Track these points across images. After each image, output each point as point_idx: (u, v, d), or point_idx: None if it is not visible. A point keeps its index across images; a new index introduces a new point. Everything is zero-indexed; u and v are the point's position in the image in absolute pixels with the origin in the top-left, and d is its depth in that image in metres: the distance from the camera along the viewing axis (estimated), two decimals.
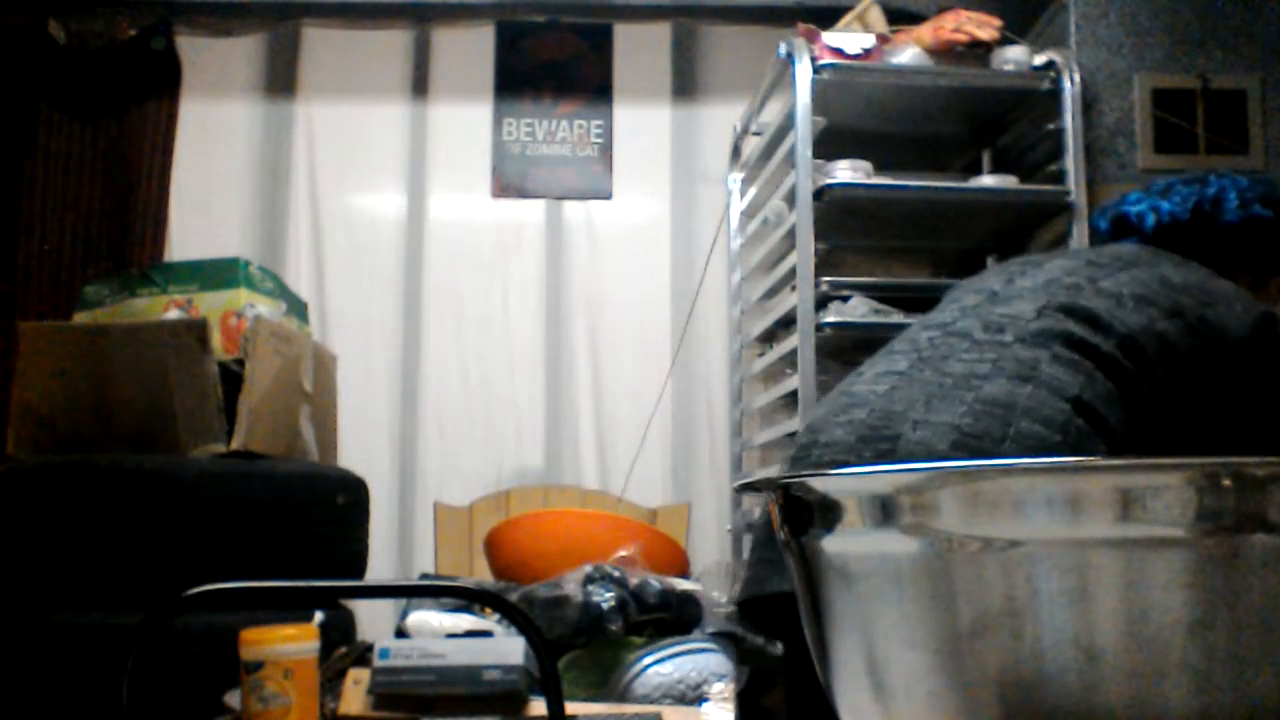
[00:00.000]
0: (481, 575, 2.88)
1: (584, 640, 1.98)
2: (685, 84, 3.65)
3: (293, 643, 1.65)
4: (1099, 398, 1.30)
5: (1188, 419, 1.35)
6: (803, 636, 0.62)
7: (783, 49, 2.84)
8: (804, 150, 2.74)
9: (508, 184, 3.62)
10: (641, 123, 3.63)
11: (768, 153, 3.09)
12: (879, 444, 1.31)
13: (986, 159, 3.27)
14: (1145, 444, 1.32)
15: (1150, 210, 1.64)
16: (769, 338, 3.20)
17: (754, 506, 3.19)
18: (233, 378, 2.38)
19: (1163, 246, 1.57)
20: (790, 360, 2.87)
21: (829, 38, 2.87)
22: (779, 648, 1.61)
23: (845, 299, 2.82)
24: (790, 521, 0.63)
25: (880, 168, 2.88)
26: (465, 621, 1.99)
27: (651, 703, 1.84)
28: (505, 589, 2.27)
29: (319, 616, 1.93)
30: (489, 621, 2.02)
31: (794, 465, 1.42)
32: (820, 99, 2.78)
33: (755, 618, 1.56)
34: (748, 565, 1.47)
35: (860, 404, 1.39)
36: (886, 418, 1.34)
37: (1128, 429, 1.31)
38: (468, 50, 3.65)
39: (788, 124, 2.85)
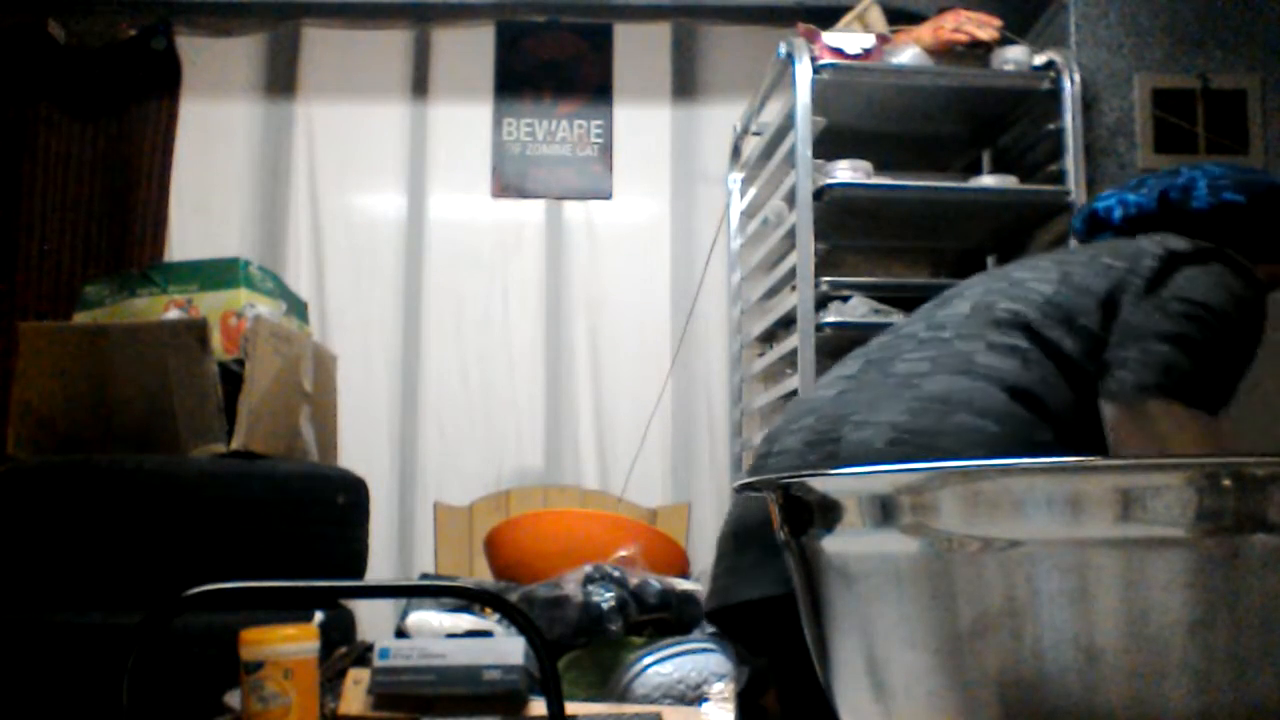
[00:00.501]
0: (481, 575, 2.88)
1: (584, 640, 1.98)
2: (685, 84, 3.65)
3: (293, 643, 1.65)
4: (1037, 381, 1.31)
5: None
6: (782, 642, 0.63)
7: (783, 49, 2.84)
8: (804, 150, 2.74)
9: (508, 184, 3.62)
10: (641, 123, 3.63)
11: (768, 153, 3.09)
12: (824, 447, 1.33)
13: (986, 159, 3.27)
14: (1095, 421, 1.33)
15: (1118, 204, 1.63)
16: (769, 338, 3.20)
17: None
18: (233, 378, 2.38)
19: (1131, 235, 1.57)
20: (790, 360, 2.87)
21: (829, 38, 2.87)
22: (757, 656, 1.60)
23: (845, 299, 2.82)
24: (790, 521, 0.63)
25: (880, 168, 2.88)
26: (465, 621, 1.99)
27: (651, 703, 1.84)
28: (505, 589, 2.27)
29: (319, 616, 1.93)
30: (489, 621, 2.02)
31: (751, 475, 1.44)
32: (820, 99, 2.78)
33: (727, 628, 1.53)
34: (713, 575, 1.46)
35: (811, 410, 1.42)
36: (832, 422, 1.36)
37: (1077, 408, 1.32)
38: (468, 50, 3.65)
39: (788, 124, 2.85)
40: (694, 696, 1.86)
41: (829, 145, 2.84)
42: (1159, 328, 1.34)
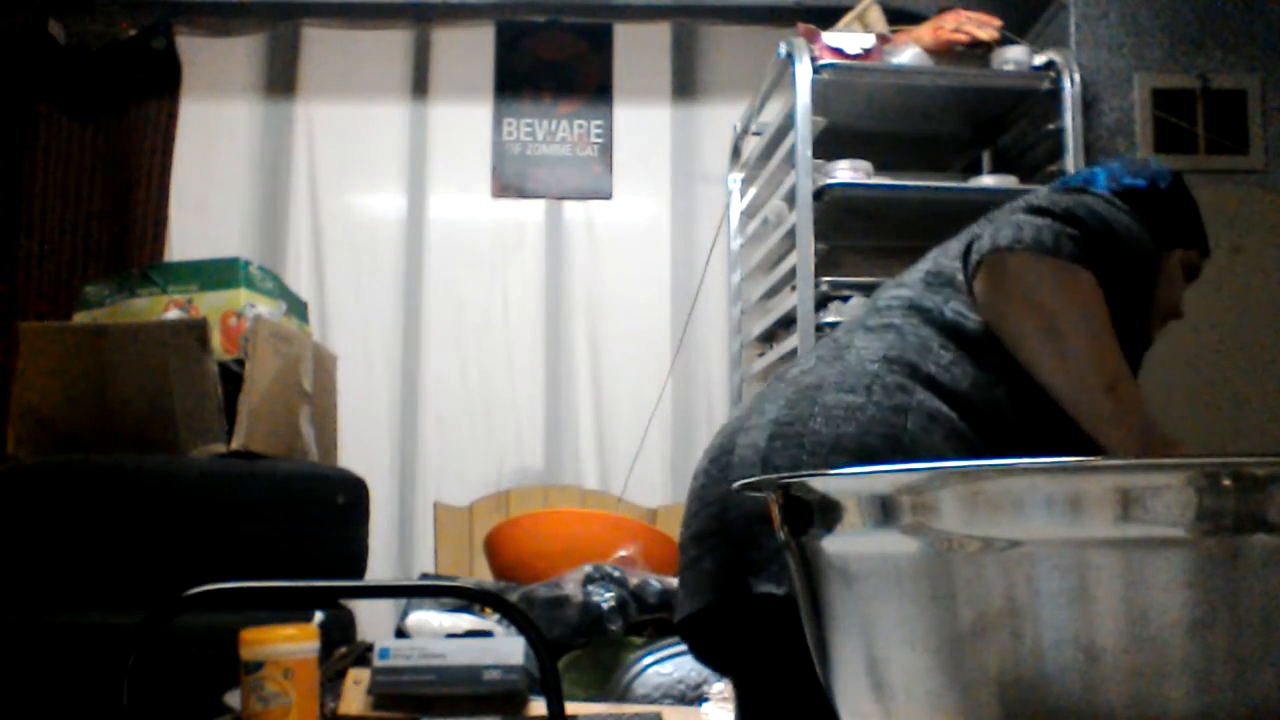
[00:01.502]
0: (481, 575, 2.88)
1: (584, 640, 1.98)
2: (685, 84, 3.65)
3: (293, 643, 1.65)
4: (913, 347, 1.31)
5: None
6: (734, 652, 0.62)
7: (783, 49, 2.84)
8: (804, 150, 2.74)
9: (508, 184, 3.62)
10: (641, 123, 3.63)
11: (768, 153, 3.09)
12: (722, 459, 1.36)
13: (986, 159, 3.27)
14: (993, 374, 1.30)
15: (1022, 199, 1.64)
16: (769, 338, 3.20)
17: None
18: (233, 378, 2.38)
19: None
20: (790, 360, 2.87)
21: (829, 38, 2.87)
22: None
23: (845, 299, 2.82)
24: (790, 521, 0.63)
25: (880, 168, 2.88)
26: (465, 621, 1.99)
27: (651, 703, 1.84)
28: (505, 589, 2.27)
29: (319, 616, 1.93)
30: (489, 621, 2.02)
31: (688, 502, 1.44)
32: (820, 99, 2.78)
33: (696, 643, 1.46)
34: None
35: (720, 431, 1.46)
36: (729, 434, 1.39)
37: (973, 363, 1.30)
38: (468, 50, 3.65)
39: (788, 124, 2.85)
40: (694, 696, 1.86)
41: (829, 145, 2.84)
42: (1022, 202, 1.34)
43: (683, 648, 1.93)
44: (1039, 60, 2.90)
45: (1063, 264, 1.25)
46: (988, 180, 2.97)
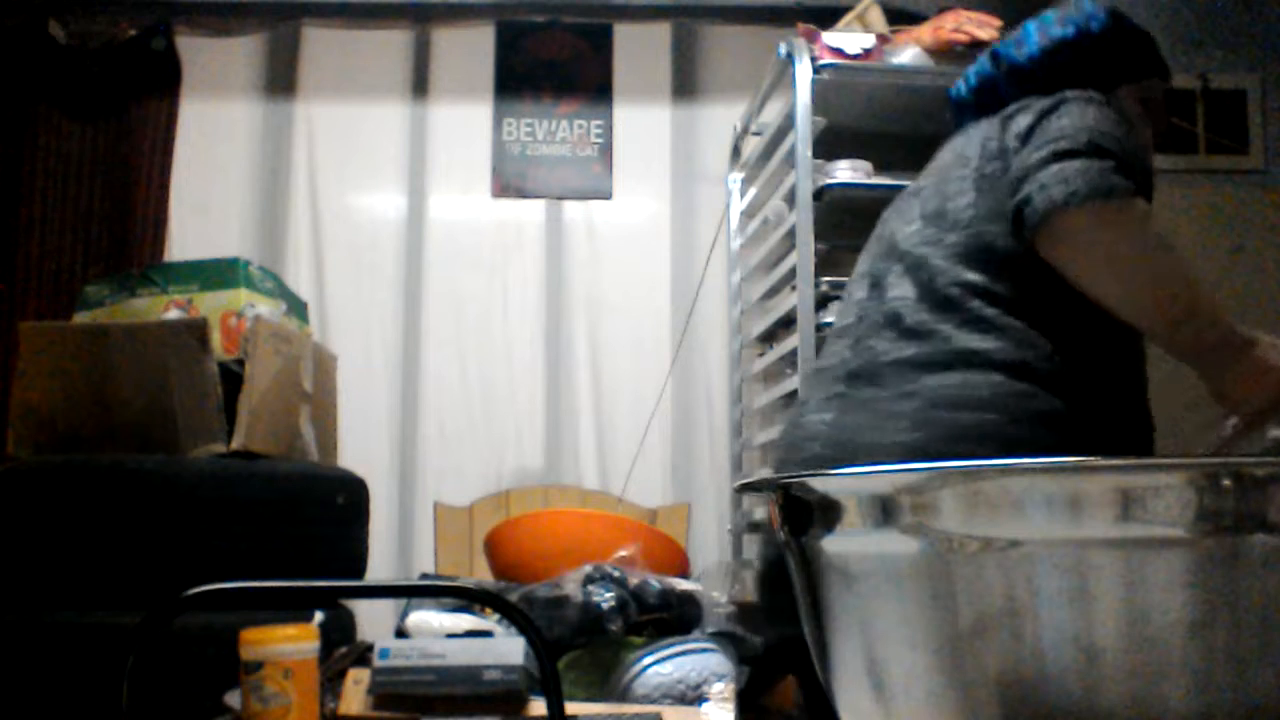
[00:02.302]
0: (481, 575, 2.88)
1: (584, 640, 1.98)
2: (685, 84, 3.65)
3: (293, 643, 1.64)
4: (1015, 346, 1.31)
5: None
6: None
7: (783, 49, 2.84)
8: (804, 150, 2.74)
9: (508, 184, 3.62)
10: (641, 123, 3.63)
11: (768, 153, 3.09)
12: None
13: None
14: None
15: (961, 80, 1.63)
16: (769, 338, 3.20)
17: (754, 506, 3.19)
18: (233, 378, 2.38)
19: (984, 108, 1.54)
20: (790, 360, 2.87)
21: (829, 38, 2.87)
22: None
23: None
24: (790, 521, 0.63)
25: (880, 168, 2.88)
26: (465, 621, 1.99)
27: (651, 703, 1.84)
28: (505, 589, 2.26)
29: (319, 616, 1.93)
30: (489, 621, 2.02)
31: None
32: (820, 99, 2.78)
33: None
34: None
35: (812, 437, 1.41)
36: (839, 448, 1.37)
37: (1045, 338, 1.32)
38: (468, 50, 3.65)
39: (788, 124, 2.85)
40: (694, 696, 1.85)
41: (829, 145, 2.84)
42: (1048, 151, 1.31)
43: (683, 648, 1.92)
44: None
45: (1121, 204, 1.26)
46: None
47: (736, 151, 3.50)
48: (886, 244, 1.52)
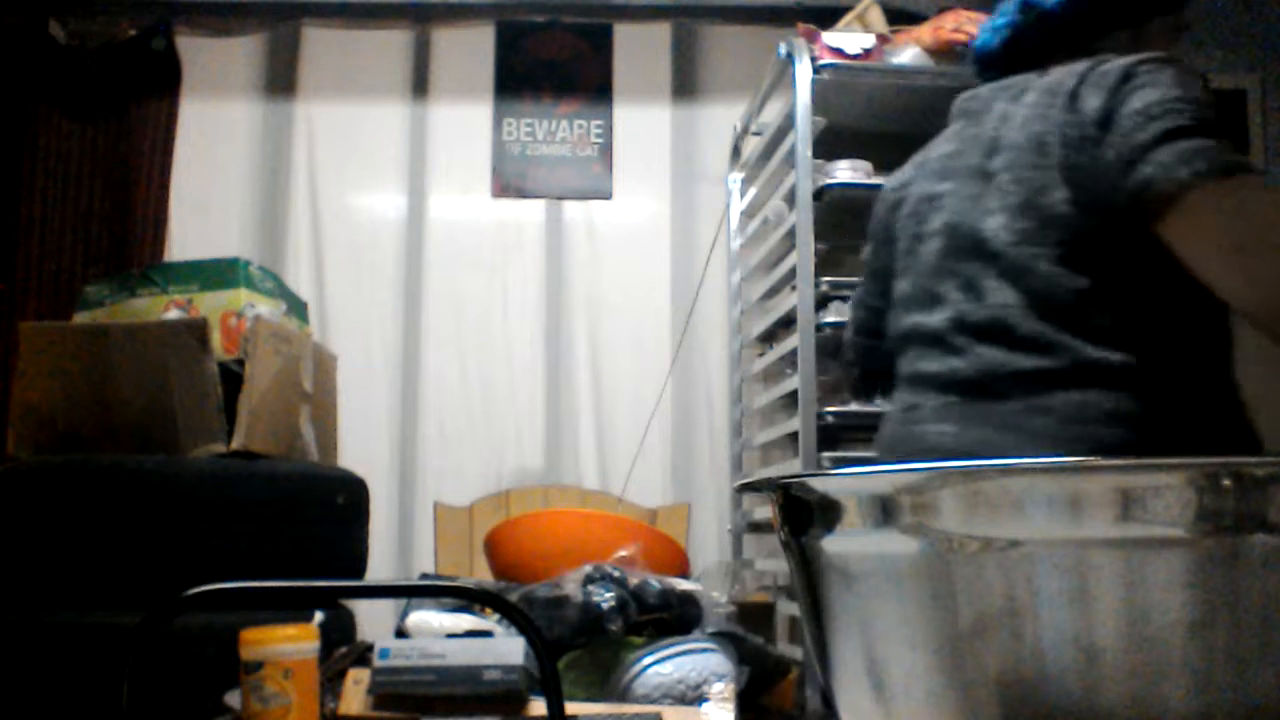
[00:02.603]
0: (481, 575, 2.88)
1: (584, 640, 1.98)
2: (685, 84, 3.65)
3: (293, 643, 1.64)
4: (1121, 350, 1.27)
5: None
6: None
7: (783, 49, 2.84)
8: (804, 150, 2.74)
9: (508, 184, 3.62)
10: (641, 123, 3.63)
11: (768, 153, 3.09)
12: None
13: None
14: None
15: (990, 32, 1.51)
16: (769, 338, 3.20)
17: (754, 506, 3.19)
18: (233, 378, 2.38)
19: (1015, 60, 1.47)
20: (790, 360, 2.87)
21: (829, 38, 2.87)
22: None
23: (845, 299, 2.82)
24: (790, 521, 0.63)
25: (880, 168, 2.88)
26: (465, 621, 1.99)
27: (651, 703, 1.84)
28: (505, 589, 2.26)
29: (319, 616, 1.93)
30: (489, 621, 2.02)
31: None
32: (820, 99, 2.78)
33: None
34: None
35: (933, 449, 1.36)
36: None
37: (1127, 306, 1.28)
38: (468, 50, 3.65)
39: (788, 124, 2.85)
40: (694, 696, 1.85)
41: (829, 145, 2.84)
42: (1156, 130, 1.24)
43: (683, 648, 1.92)
44: None
45: (1240, 180, 1.21)
46: None
47: (736, 151, 3.50)
48: (966, 238, 1.40)
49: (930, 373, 1.41)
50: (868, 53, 2.85)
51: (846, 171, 2.82)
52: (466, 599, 1.84)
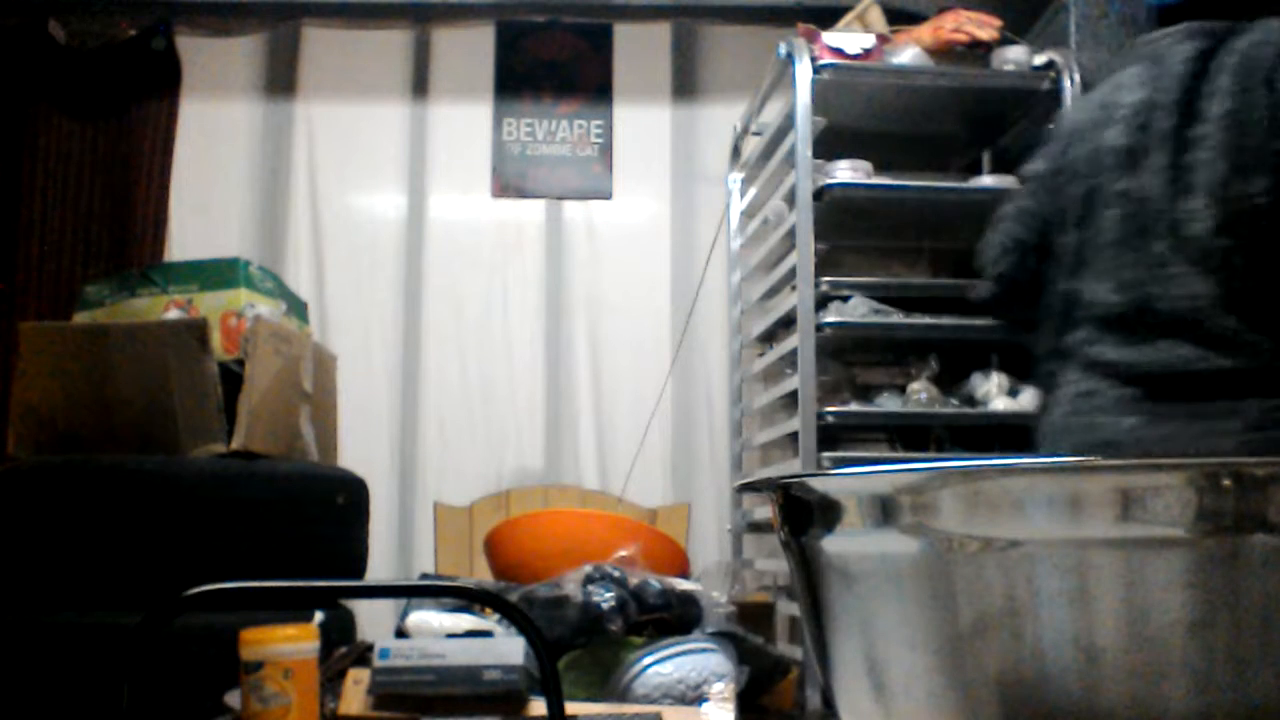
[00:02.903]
0: (481, 575, 2.88)
1: (584, 640, 1.98)
2: (685, 84, 3.65)
3: (293, 643, 1.64)
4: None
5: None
6: None
7: (783, 49, 2.84)
8: (804, 150, 2.74)
9: (508, 184, 3.62)
10: (641, 123, 3.63)
11: (768, 153, 3.09)
12: None
13: (986, 159, 3.26)
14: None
15: None
16: (769, 338, 3.20)
17: (754, 506, 3.19)
18: (233, 378, 2.38)
19: (1202, 7, 1.39)
20: (790, 360, 2.87)
21: (829, 38, 2.87)
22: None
23: (845, 299, 2.82)
24: (790, 521, 0.63)
25: (880, 168, 2.88)
26: (465, 621, 1.99)
27: (651, 703, 1.84)
28: (505, 589, 2.26)
29: (319, 616, 1.93)
30: (489, 621, 2.02)
31: None
32: (820, 99, 2.78)
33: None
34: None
35: (1114, 442, 1.31)
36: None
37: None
38: (468, 50, 3.65)
39: (788, 124, 2.85)
40: (694, 696, 1.85)
41: (829, 145, 2.84)
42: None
43: (683, 648, 1.92)
44: (1039, 60, 2.90)
45: None
46: (987, 180, 2.96)
47: (736, 151, 3.50)
48: (1155, 216, 1.32)
49: (1109, 360, 1.34)
50: (868, 53, 2.85)
51: (846, 171, 2.82)
52: (466, 599, 1.84)
